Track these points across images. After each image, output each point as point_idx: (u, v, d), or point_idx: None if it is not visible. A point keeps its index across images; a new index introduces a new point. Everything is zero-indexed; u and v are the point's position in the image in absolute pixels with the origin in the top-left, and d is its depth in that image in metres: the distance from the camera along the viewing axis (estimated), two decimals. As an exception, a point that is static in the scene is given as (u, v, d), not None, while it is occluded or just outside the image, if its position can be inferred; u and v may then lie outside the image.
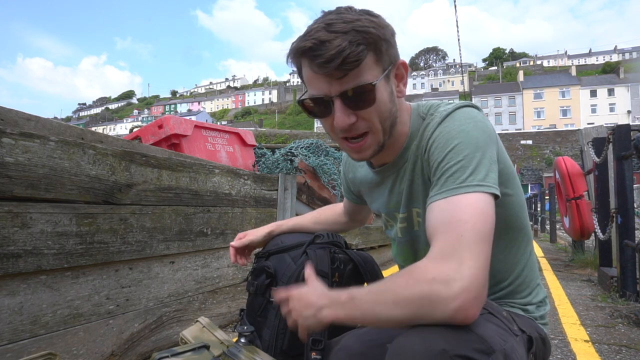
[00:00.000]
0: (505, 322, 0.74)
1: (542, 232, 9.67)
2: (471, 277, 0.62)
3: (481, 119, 0.79)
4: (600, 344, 2.05)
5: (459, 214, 0.68)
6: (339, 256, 1.11)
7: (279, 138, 46.31)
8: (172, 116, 3.96)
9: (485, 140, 0.76)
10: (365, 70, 0.76)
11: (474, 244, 0.65)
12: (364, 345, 0.89)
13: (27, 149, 1.26)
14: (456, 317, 0.61)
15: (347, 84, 0.75)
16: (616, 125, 3.17)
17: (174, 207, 1.82)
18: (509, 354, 0.65)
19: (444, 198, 0.71)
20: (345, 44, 0.71)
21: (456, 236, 0.66)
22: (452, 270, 0.62)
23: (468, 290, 0.61)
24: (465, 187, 0.70)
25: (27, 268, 1.25)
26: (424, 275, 0.63)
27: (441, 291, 0.61)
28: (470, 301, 0.61)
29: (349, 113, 0.78)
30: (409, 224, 0.93)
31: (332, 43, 0.72)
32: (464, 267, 0.63)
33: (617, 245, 3.03)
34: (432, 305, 0.61)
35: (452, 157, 0.74)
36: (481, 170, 0.72)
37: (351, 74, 0.74)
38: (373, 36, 0.75)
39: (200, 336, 1.10)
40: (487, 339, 0.63)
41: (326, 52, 0.72)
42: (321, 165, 3.92)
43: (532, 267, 0.93)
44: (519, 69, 76.81)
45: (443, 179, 0.74)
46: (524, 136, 46.66)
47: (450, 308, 0.60)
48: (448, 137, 0.77)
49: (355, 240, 3.73)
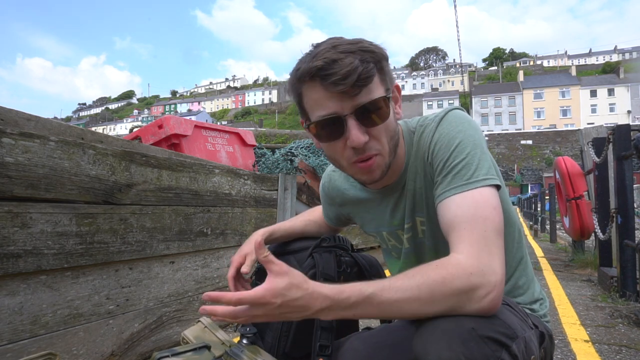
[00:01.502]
0: (523, 316, 0.78)
1: (542, 232, 9.65)
2: (502, 270, 0.68)
3: (470, 119, 0.85)
4: (600, 344, 2.05)
5: (479, 210, 0.73)
6: (345, 259, 1.11)
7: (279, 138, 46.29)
8: (172, 116, 3.96)
9: (479, 137, 0.82)
10: (375, 88, 0.78)
11: (497, 239, 0.71)
12: (370, 347, 0.89)
13: (27, 149, 1.26)
14: (490, 309, 0.66)
15: (361, 100, 0.76)
16: (616, 125, 3.17)
17: (174, 207, 1.82)
18: (527, 342, 0.69)
19: (458, 194, 0.76)
20: (357, 62, 0.74)
21: (482, 232, 0.70)
22: (485, 265, 0.67)
23: (501, 283, 0.67)
24: (475, 182, 0.75)
25: (27, 268, 1.25)
26: (462, 270, 0.67)
27: (481, 285, 0.66)
28: (500, 293, 0.67)
29: (362, 131, 0.78)
30: (413, 233, 0.94)
31: (344, 61, 0.73)
32: (494, 262, 0.68)
33: (617, 245, 3.03)
34: (469, 298, 0.65)
35: (457, 155, 0.79)
36: (483, 165, 0.77)
37: (364, 91, 0.76)
38: (377, 55, 0.78)
39: (201, 336, 1.10)
40: (511, 325, 0.67)
41: (340, 70, 0.73)
42: (321, 165, 3.92)
43: (527, 263, 0.96)
44: (519, 69, 76.86)
45: (450, 176, 0.78)
46: (524, 136, 46.67)
47: (487, 300, 0.65)
48: (449, 137, 0.81)
49: (355, 241, 3.73)
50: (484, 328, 0.63)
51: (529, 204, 13.32)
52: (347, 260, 1.11)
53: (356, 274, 1.12)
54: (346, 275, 1.09)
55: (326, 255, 1.09)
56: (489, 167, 0.78)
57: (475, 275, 0.66)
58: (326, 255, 1.08)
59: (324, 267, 1.05)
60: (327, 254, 1.09)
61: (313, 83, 0.76)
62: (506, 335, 0.65)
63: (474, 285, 0.65)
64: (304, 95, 0.80)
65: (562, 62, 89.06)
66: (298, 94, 0.81)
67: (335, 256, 1.09)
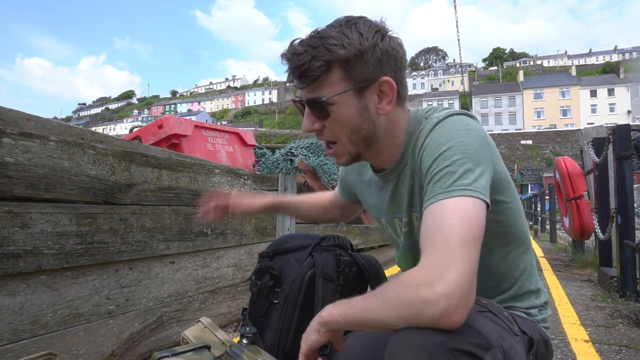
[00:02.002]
0: (506, 322, 0.74)
1: (542, 232, 9.66)
2: (455, 282, 0.62)
3: (473, 127, 0.79)
4: (600, 344, 2.05)
5: (445, 218, 0.68)
6: (344, 259, 1.11)
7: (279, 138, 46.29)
8: (172, 116, 3.96)
9: (475, 148, 0.76)
10: (326, 86, 0.80)
11: (461, 248, 0.65)
12: (367, 347, 0.89)
13: (27, 149, 1.26)
14: (440, 321, 0.61)
15: (308, 94, 0.82)
16: (616, 125, 3.17)
17: (174, 207, 1.82)
18: (507, 351, 0.65)
19: (432, 203, 0.72)
20: (307, 59, 0.77)
21: (443, 241, 0.66)
22: (436, 275, 0.63)
23: (451, 294, 0.61)
24: (451, 192, 0.71)
25: (27, 268, 1.25)
26: (412, 280, 0.64)
27: (425, 295, 0.61)
28: (454, 305, 0.61)
29: (314, 120, 0.84)
30: (409, 229, 0.94)
31: (299, 57, 0.78)
32: (449, 272, 0.63)
33: (617, 245, 3.03)
34: (417, 309, 0.62)
35: (440, 163, 0.75)
36: (469, 175, 0.72)
37: (311, 87, 0.81)
38: (340, 55, 0.78)
39: (201, 336, 1.10)
40: (485, 334, 0.64)
41: (292, 64, 0.79)
42: (321, 165, 3.92)
43: (532, 272, 0.94)
44: (519, 69, 76.84)
45: (431, 184, 0.74)
46: (524, 136, 46.65)
47: (434, 311, 0.61)
48: (437, 143, 0.78)
49: (356, 240, 3.73)
50: (453, 340, 0.61)
51: (529, 204, 13.33)
52: (346, 259, 1.11)
53: (355, 273, 1.12)
54: (345, 275, 1.09)
55: (325, 254, 1.09)
56: (475, 178, 0.72)
57: (423, 286, 0.62)
58: (325, 255, 1.08)
59: (323, 266, 1.05)
60: (327, 253, 1.09)
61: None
62: (479, 345, 0.62)
63: (420, 295, 0.62)
64: None
65: (562, 62, 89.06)
66: None
67: (334, 255, 1.09)
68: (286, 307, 1.06)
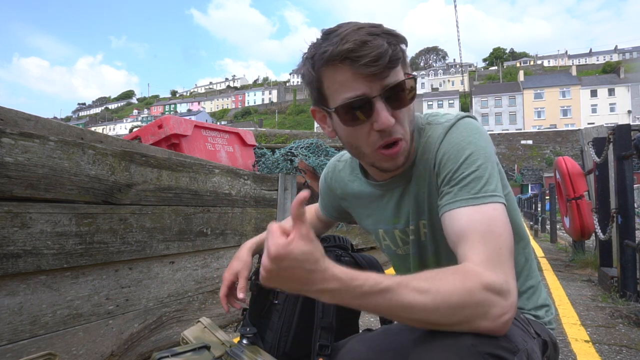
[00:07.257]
0: (524, 325, 0.76)
1: (543, 232, 9.65)
2: (516, 292, 0.65)
3: (482, 130, 0.82)
4: (601, 344, 2.05)
5: (492, 226, 0.70)
6: (345, 259, 1.10)
7: (279, 138, 46.30)
8: (171, 116, 3.96)
9: (490, 150, 0.79)
10: (400, 70, 0.77)
11: (510, 257, 0.68)
12: (372, 350, 0.88)
13: (27, 149, 1.25)
14: (501, 329, 0.63)
15: (389, 81, 0.75)
16: (616, 125, 3.17)
17: (174, 207, 1.82)
18: (530, 354, 0.67)
19: (469, 206, 0.73)
20: (385, 43, 0.73)
21: (497, 248, 0.68)
22: (502, 283, 0.64)
23: (516, 305, 0.64)
24: (486, 197, 0.73)
25: (27, 268, 1.25)
26: (480, 282, 0.63)
27: (497, 303, 0.62)
28: (514, 315, 0.64)
29: (390, 113, 0.76)
30: (416, 236, 0.92)
31: (374, 43, 0.72)
32: (510, 281, 0.65)
33: (617, 246, 3.03)
34: (484, 314, 0.62)
35: (467, 167, 0.76)
36: (493, 180, 0.75)
37: (393, 72, 0.75)
38: (400, 38, 0.76)
39: (201, 336, 1.10)
40: (511, 338, 0.65)
41: (371, 52, 0.71)
42: (321, 165, 3.91)
43: (532, 267, 0.94)
44: (519, 69, 76.91)
45: (458, 187, 0.75)
46: (524, 136, 46.63)
47: (501, 321, 0.62)
48: (459, 147, 0.78)
49: (356, 241, 3.73)
50: (484, 344, 0.61)
51: (529, 204, 13.32)
52: (346, 260, 1.11)
53: None
54: None
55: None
56: (497, 183, 0.76)
57: (492, 292, 0.62)
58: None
59: None
60: (327, 254, 1.08)
61: (342, 65, 0.74)
62: (507, 349, 0.63)
63: (491, 301, 0.62)
64: (324, 79, 0.77)
65: (562, 62, 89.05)
66: (317, 78, 0.78)
67: (335, 256, 1.09)
68: (286, 308, 1.06)
